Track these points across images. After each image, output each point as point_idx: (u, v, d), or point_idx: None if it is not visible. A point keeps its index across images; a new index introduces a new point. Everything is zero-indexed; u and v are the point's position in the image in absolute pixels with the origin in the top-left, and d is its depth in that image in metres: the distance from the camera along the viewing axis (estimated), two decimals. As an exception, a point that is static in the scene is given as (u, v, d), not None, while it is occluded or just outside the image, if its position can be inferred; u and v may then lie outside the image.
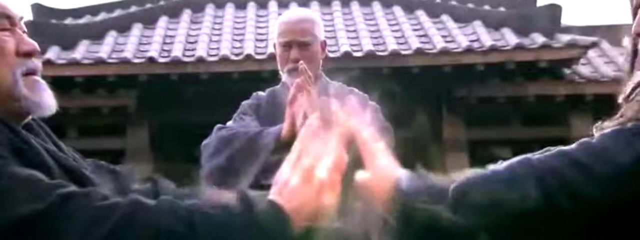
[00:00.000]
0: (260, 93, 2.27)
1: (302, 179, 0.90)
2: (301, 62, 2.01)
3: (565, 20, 10.05)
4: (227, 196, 0.89)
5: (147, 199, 0.86)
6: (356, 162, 0.98)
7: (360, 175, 0.96)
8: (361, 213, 0.97)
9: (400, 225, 0.90)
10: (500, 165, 0.90)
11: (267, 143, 1.95)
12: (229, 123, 2.18)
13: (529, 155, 0.90)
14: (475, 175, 0.89)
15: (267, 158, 1.85)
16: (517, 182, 0.84)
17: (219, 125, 2.14)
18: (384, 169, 0.95)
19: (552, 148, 0.92)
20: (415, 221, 0.89)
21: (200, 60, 7.65)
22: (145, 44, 8.24)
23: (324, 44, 2.21)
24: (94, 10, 9.91)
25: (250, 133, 2.02)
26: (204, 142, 2.09)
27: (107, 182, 1.00)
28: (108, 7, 9.94)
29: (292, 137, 1.88)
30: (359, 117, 0.99)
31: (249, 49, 7.88)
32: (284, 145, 1.81)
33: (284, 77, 2.18)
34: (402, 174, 0.94)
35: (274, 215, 0.86)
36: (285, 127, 1.94)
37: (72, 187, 0.85)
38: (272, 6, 9.25)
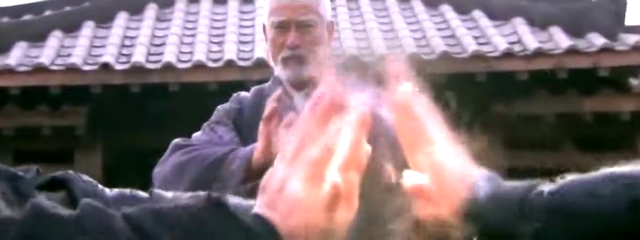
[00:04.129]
0: (244, 94, 2.21)
1: (305, 182, 0.76)
2: (297, 45, 1.97)
3: (631, 18, 10.08)
4: (194, 203, 0.77)
5: (61, 208, 0.76)
6: (387, 158, 0.91)
7: (410, 178, 0.86)
8: (408, 235, 0.88)
9: None
10: (594, 174, 0.91)
11: (234, 171, 1.92)
12: (196, 135, 2.14)
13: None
14: (570, 182, 0.89)
15: (237, 189, 1.82)
16: (617, 192, 0.86)
17: (176, 142, 2.09)
18: (453, 168, 0.87)
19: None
20: None
21: (169, 67, 7.66)
22: (98, 46, 8.26)
23: (331, 26, 2.15)
24: (38, 8, 9.96)
25: (212, 157, 1.98)
26: (156, 168, 2.04)
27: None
28: (55, 5, 9.99)
29: (268, 162, 1.89)
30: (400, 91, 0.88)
31: (230, 53, 7.90)
32: (258, 173, 1.79)
33: (277, 70, 2.11)
34: (478, 176, 0.87)
35: (263, 238, 0.75)
36: (258, 149, 1.91)
37: None
38: (260, 0, 9.30)
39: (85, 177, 1.00)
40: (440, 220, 0.87)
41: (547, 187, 0.87)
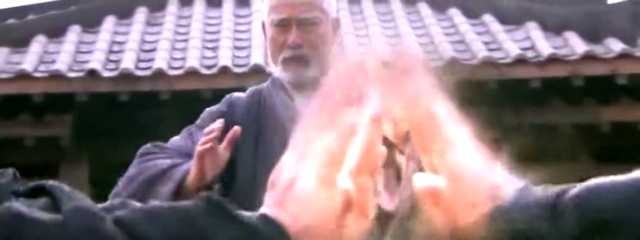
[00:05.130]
0: (237, 95, 2.19)
1: (318, 178, 0.72)
2: (299, 44, 1.96)
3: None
4: (192, 204, 0.74)
5: (41, 212, 0.73)
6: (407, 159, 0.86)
7: (425, 181, 0.79)
8: None
9: None
10: (622, 176, 0.89)
11: (164, 193, 1.93)
12: (174, 139, 2.15)
13: None
14: (600, 184, 0.86)
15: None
16: None
17: (143, 148, 2.11)
18: (474, 171, 0.80)
19: None
20: None
21: (159, 74, 7.66)
22: (84, 52, 8.26)
23: (336, 23, 2.13)
24: (20, 11, 9.97)
25: (151, 172, 2.00)
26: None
27: None
28: (39, 9, 10.00)
29: (200, 187, 1.90)
30: (417, 83, 0.82)
31: (224, 59, 7.90)
32: (190, 194, 1.80)
33: (276, 70, 2.10)
34: (502, 180, 0.82)
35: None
36: (191, 175, 1.92)
37: None
38: (256, 2, 9.31)
39: (69, 188, 0.97)
40: (460, 230, 0.79)
41: (581, 191, 0.83)
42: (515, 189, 0.83)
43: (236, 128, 1.99)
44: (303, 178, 0.72)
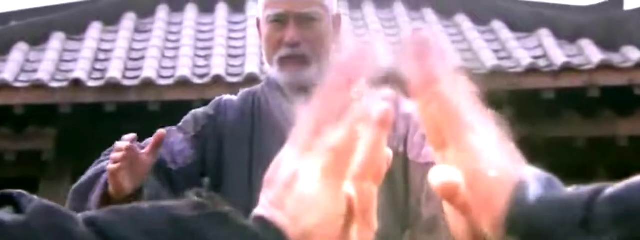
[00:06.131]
0: (228, 97, 2.17)
1: (322, 176, 0.69)
2: (297, 42, 1.94)
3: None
4: (177, 205, 0.71)
5: (3, 213, 0.71)
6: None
7: (439, 175, 0.75)
8: None
9: None
10: None
11: (92, 200, 1.96)
12: (148, 140, 2.13)
13: None
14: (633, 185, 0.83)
15: None
16: None
17: (103, 154, 2.15)
18: (495, 165, 0.75)
19: None
20: None
21: (148, 83, 7.65)
22: (68, 60, 8.26)
23: (338, 20, 2.09)
24: (2, 18, 9.97)
25: (86, 177, 2.04)
26: None
27: None
28: (20, 15, 10.00)
29: (127, 196, 1.92)
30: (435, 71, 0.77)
31: (217, 68, 7.90)
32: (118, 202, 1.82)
33: (272, 71, 2.06)
34: (526, 175, 0.76)
35: None
36: (110, 187, 1.94)
37: None
38: (251, 8, 9.32)
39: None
40: (479, 230, 0.75)
41: (619, 190, 0.77)
42: (539, 184, 0.77)
43: (161, 131, 2.00)
44: (305, 176, 0.69)
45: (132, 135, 1.97)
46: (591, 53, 7.85)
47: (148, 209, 0.70)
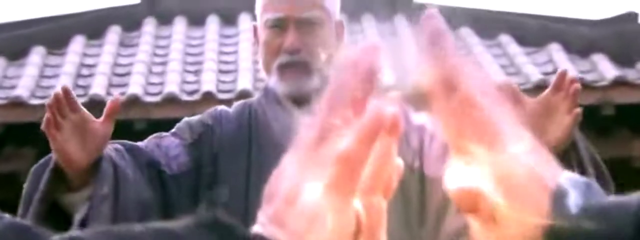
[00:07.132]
0: (223, 108, 2.16)
1: (327, 191, 0.66)
2: (297, 48, 1.94)
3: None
4: (171, 225, 0.68)
5: None
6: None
7: (457, 180, 0.70)
8: None
9: None
10: None
11: (43, 179, 2.02)
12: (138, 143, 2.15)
13: None
14: None
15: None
16: None
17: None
18: (529, 171, 0.70)
19: None
20: None
21: (134, 100, 7.65)
22: (49, 76, 8.26)
23: (340, 26, 2.08)
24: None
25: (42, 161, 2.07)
26: None
27: None
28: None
29: (82, 174, 1.98)
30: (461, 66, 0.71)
31: (208, 84, 7.90)
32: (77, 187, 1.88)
33: (271, 80, 2.04)
34: (566, 182, 0.71)
35: None
36: (54, 152, 1.99)
37: None
38: (243, 21, 9.33)
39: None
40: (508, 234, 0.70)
41: None
42: (580, 192, 0.71)
43: (116, 97, 2.07)
44: (308, 190, 0.66)
45: (65, 86, 1.98)
46: (605, 69, 7.87)
47: (144, 231, 0.67)
